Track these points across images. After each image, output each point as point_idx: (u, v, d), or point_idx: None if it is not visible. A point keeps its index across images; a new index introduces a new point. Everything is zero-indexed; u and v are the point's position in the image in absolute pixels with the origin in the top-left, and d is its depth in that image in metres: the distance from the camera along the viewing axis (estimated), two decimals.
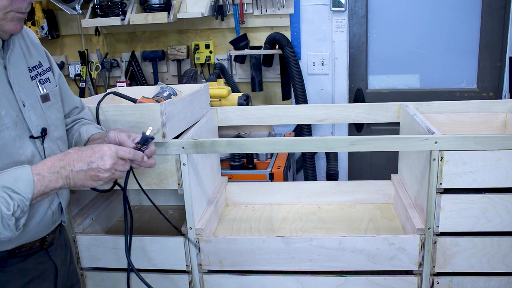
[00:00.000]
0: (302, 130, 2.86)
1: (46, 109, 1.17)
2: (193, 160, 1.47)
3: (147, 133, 1.17)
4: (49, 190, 1.03)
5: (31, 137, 1.10)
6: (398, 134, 1.81)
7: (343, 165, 3.12)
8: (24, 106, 1.09)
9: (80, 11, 2.87)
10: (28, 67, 1.16)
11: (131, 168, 1.18)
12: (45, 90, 1.18)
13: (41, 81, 1.17)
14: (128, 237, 1.27)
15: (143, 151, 1.16)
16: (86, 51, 3.14)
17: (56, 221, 1.22)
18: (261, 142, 1.40)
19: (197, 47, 3.00)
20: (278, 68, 2.99)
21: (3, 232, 0.96)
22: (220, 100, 2.20)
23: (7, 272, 1.10)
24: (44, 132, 1.13)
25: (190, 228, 1.48)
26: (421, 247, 1.43)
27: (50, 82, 1.21)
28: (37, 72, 1.17)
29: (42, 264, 1.19)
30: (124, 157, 1.10)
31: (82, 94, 3.15)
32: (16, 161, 1.05)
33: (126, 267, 1.53)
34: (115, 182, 1.37)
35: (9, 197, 0.96)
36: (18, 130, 1.07)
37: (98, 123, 1.41)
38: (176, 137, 1.46)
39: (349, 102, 3.04)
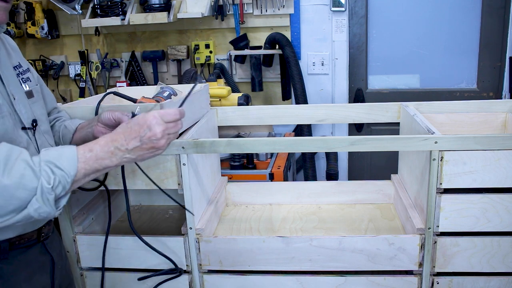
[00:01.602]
0: (302, 130, 2.86)
1: (32, 104, 1.20)
2: (193, 160, 1.47)
3: (136, 112, 1.21)
4: (103, 168, 1.03)
5: (23, 128, 1.13)
6: (398, 134, 1.81)
7: (343, 165, 3.12)
8: (14, 99, 1.12)
9: (80, 11, 2.87)
10: (12, 66, 1.19)
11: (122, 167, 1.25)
12: (28, 87, 1.21)
13: (23, 79, 1.21)
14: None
15: None
16: (86, 51, 3.14)
17: None
18: (261, 142, 1.40)
19: (197, 47, 3.00)
20: (278, 68, 2.99)
21: (42, 207, 0.94)
22: (220, 100, 2.20)
23: (10, 264, 1.13)
24: (34, 123, 1.17)
25: (190, 228, 1.48)
26: (421, 247, 1.43)
27: (31, 81, 1.24)
28: (19, 71, 1.21)
29: (41, 256, 1.22)
30: (172, 120, 1.08)
31: (82, 94, 3.15)
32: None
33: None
34: (101, 182, 1.40)
35: (51, 172, 0.95)
36: (12, 121, 1.10)
37: None
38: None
39: (349, 102, 3.04)
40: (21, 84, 1.19)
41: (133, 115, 1.19)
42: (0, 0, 1.05)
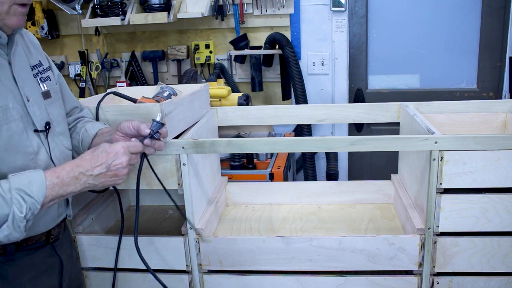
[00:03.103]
0: (302, 130, 2.86)
1: (48, 105, 1.19)
2: (193, 160, 1.47)
3: (157, 119, 1.23)
4: (67, 194, 1.07)
5: (35, 130, 1.12)
6: (398, 134, 1.81)
7: (343, 165, 3.12)
8: (28, 101, 1.11)
9: (80, 11, 2.87)
10: (30, 65, 1.17)
11: (145, 156, 1.26)
12: (46, 87, 1.19)
13: (42, 79, 1.19)
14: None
15: (158, 138, 1.24)
16: (86, 51, 3.14)
17: (62, 214, 1.25)
18: (261, 142, 1.41)
19: (197, 47, 3.00)
20: (278, 68, 2.99)
21: (12, 233, 0.98)
22: (220, 100, 2.20)
23: (16, 266, 1.12)
24: (48, 125, 1.15)
25: (190, 228, 1.48)
26: (421, 247, 1.43)
27: (50, 80, 1.23)
28: (38, 70, 1.19)
29: (49, 258, 1.21)
30: (136, 152, 1.16)
31: (82, 94, 3.15)
32: (25, 152, 1.08)
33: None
34: None
35: (23, 200, 0.98)
36: (24, 123, 1.09)
37: None
38: (176, 137, 1.46)
39: (349, 102, 3.04)
40: (39, 84, 1.17)
41: (154, 121, 1.22)
42: (19, 6, 1.06)
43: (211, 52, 3.00)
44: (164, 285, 1.33)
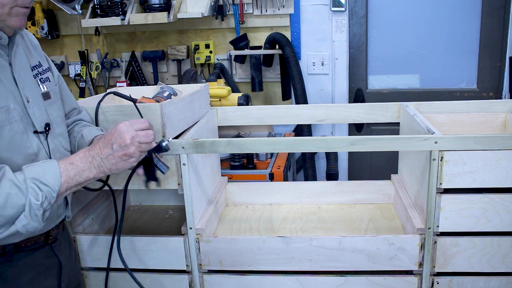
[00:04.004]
0: (302, 130, 2.86)
1: (48, 106, 1.19)
2: (193, 160, 1.47)
3: (164, 144, 1.20)
4: (84, 180, 1.08)
5: (35, 132, 1.12)
6: (398, 134, 1.81)
7: (343, 165, 3.12)
8: (28, 102, 1.11)
9: (80, 11, 2.87)
10: (30, 66, 1.17)
11: (147, 163, 1.20)
12: (45, 88, 1.19)
13: (41, 79, 1.19)
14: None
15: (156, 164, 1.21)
16: (86, 51, 3.14)
17: (61, 215, 1.25)
18: (261, 142, 1.41)
19: (197, 47, 3.00)
20: (278, 68, 2.99)
21: (30, 223, 0.99)
22: (220, 100, 2.20)
23: (15, 266, 1.12)
24: (47, 127, 1.15)
25: (190, 228, 1.48)
26: (421, 247, 1.43)
27: (50, 81, 1.23)
28: (38, 71, 1.19)
29: (48, 259, 1.21)
30: (141, 128, 1.13)
31: (82, 94, 3.15)
32: (25, 153, 1.08)
33: (125, 268, 1.54)
34: (105, 182, 1.39)
35: (38, 188, 0.99)
36: (23, 124, 1.09)
37: (97, 123, 1.41)
38: (176, 137, 1.46)
39: (349, 102, 3.04)
40: (39, 85, 1.17)
41: (159, 144, 1.20)
42: (23, 7, 1.06)
43: (211, 52, 3.00)
44: (140, 285, 1.34)
